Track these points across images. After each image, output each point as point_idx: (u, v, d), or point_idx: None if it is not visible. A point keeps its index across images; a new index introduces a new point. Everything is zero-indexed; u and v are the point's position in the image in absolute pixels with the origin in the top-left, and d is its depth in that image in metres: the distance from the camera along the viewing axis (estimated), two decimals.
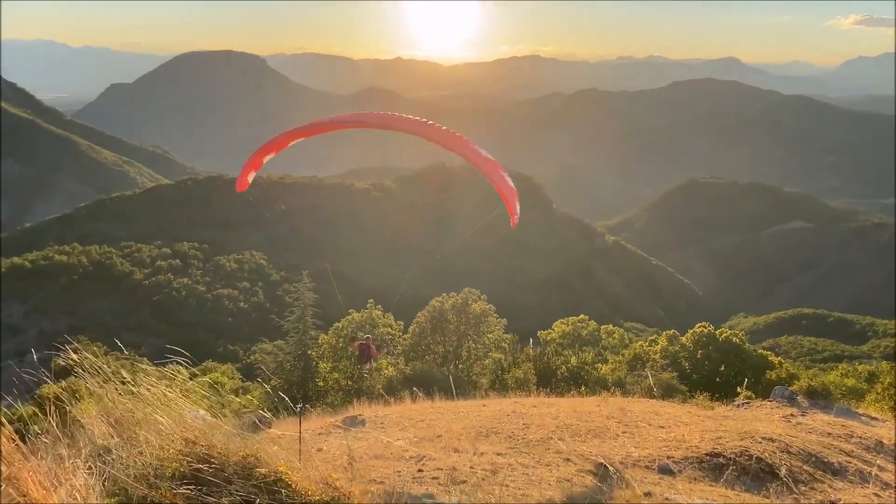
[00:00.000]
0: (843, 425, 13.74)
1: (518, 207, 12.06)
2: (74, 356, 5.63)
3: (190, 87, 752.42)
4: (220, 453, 4.50)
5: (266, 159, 11.98)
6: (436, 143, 11.50)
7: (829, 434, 12.94)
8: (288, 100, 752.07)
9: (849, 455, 11.79)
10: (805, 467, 10.71)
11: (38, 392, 20.15)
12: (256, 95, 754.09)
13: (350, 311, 35.76)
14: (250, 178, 12.05)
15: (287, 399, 7.46)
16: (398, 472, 8.56)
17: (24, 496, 3.71)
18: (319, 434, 12.88)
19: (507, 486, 8.12)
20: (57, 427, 5.19)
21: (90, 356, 5.70)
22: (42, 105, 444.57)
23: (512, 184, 11.91)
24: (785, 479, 9.73)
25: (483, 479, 8.30)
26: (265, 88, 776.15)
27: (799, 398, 16.35)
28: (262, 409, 15.75)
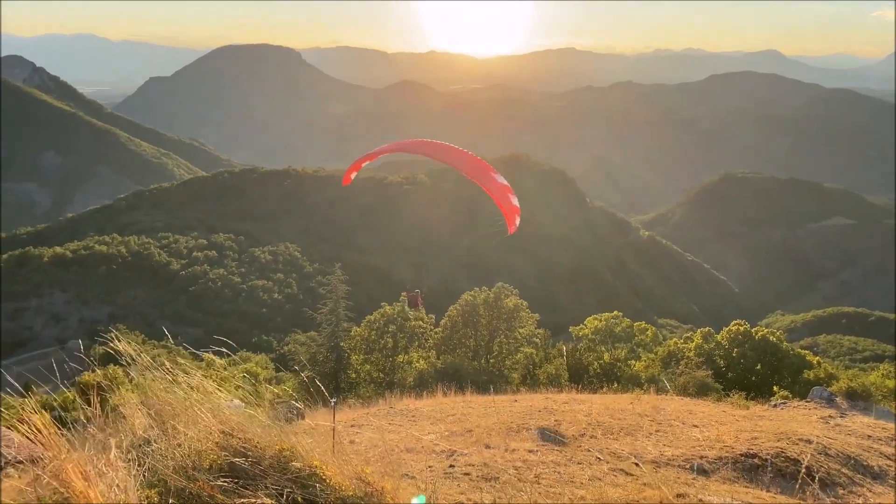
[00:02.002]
0: (883, 428, 13.44)
1: (517, 221, 13.15)
2: (115, 344, 5.74)
3: (226, 80, 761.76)
4: (256, 446, 4.56)
5: (364, 165, 14.27)
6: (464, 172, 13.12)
7: (869, 437, 12.67)
8: (322, 93, 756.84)
9: (889, 459, 11.53)
10: (843, 470, 10.50)
11: (78, 379, 20.68)
12: (291, 88, 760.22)
13: (382, 303, 35.94)
14: (353, 176, 14.48)
15: (323, 389, 7.54)
16: (430, 466, 8.61)
17: (67, 487, 3.80)
18: (352, 426, 13.00)
19: (538, 483, 8.11)
20: (99, 414, 5.31)
21: (130, 344, 5.81)
22: (83, 98, 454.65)
23: (516, 202, 13.07)
24: (823, 481, 9.56)
25: (515, 477, 8.30)
26: (300, 82, 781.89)
27: (838, 399, 16.03)
28: (296, 400, 15.92)
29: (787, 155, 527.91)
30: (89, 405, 5.40)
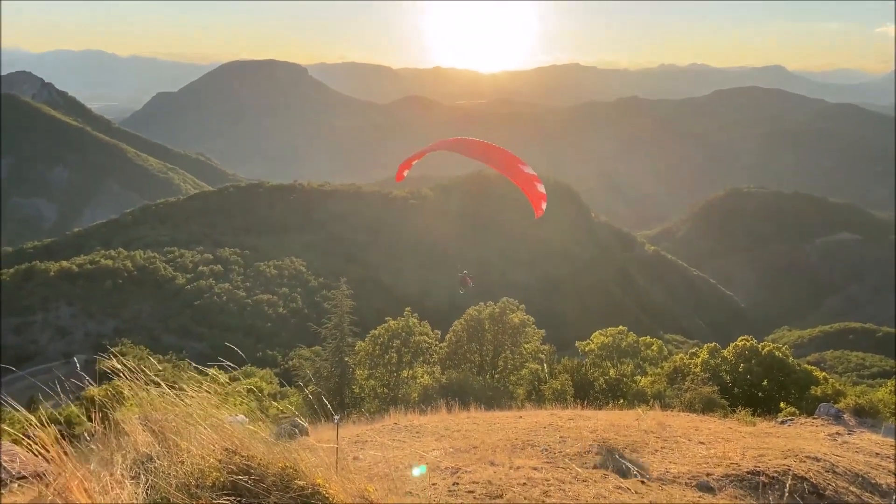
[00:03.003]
0: (892, 445, 13.32)
1: (544, 206, 14.58)
2: (119, 359, 5.74)
3: (233, 95, 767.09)
4: (259, 464, 4.55)
5: (414, 163, 15.82)
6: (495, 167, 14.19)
7: (878, 454, 12.56)
8: (328, 107, 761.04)
9: None
10: (851, 488, 10.41)
11: (82, 394, 20.68)
12: (298, 104, 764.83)
13: (387, 318, 35.90)
14: (405, 173, 16.04)
15: (328, 405, 7.53)
16: (434, 484, 8.56)
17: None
18: (356, 442, 12.96)
19: (545, 501, 8.06)
20: (102, 430, 5.30)
21: (133, 359, 5.81)
22: (91, 113, 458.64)
23: (542, 189, 14.54)
24: (831, 499, 9.47)
25: (520, 494, 8.25)
26: (306, 97, 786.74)
27: (845, 416, 15.91)
28: (299, 416, 15.88)
29: (792, 170, 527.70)
30: (92, 420, 5.40)
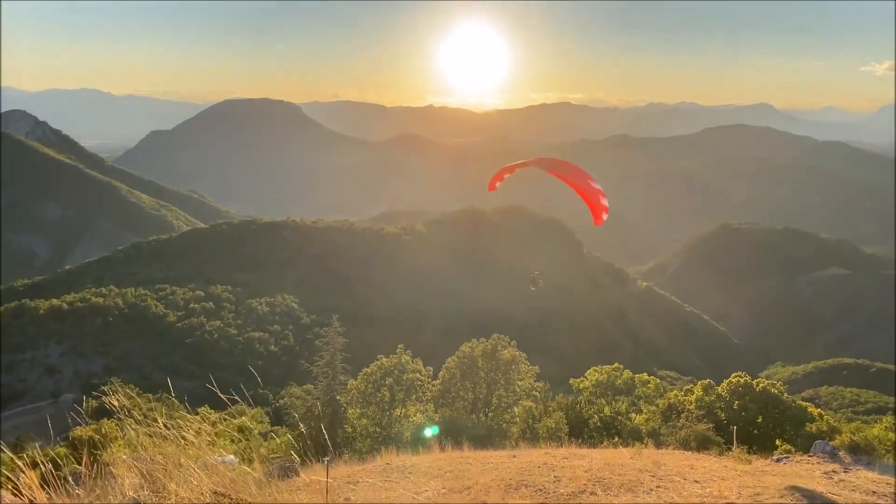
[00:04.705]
0: (888, 483, 13.21)
1: (604, 217, 16.50)
2: (108, 398, 5.67)
3: (227, 133, 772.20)
4: None
5: (506, 176, 17.81)
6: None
7: (874, 492, 12.44)
8: (322, 145, 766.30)
9: None
10: None
11: (70, 434, 20.38)
12: (291, 141, 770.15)
13: (379, 355, 35.65)
14: (497, 185, 17.64)
15: (316, 445, 7.44)
16: None
17: None
18: (347, 483, 12.76)
19: None
20: (89, 472, 5.21)
21: (123, 398, 5.74)
22: (85, 151, 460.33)
23: (605, 203, 16.51)
24: None
25: None
26: (300, 134, 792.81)
27: (841, 453, 15.80)
28: (291, 455, 15.67)
29: (782, 206, 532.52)
30: (80, 461, 5.31)
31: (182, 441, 5.16)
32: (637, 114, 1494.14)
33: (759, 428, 27.59)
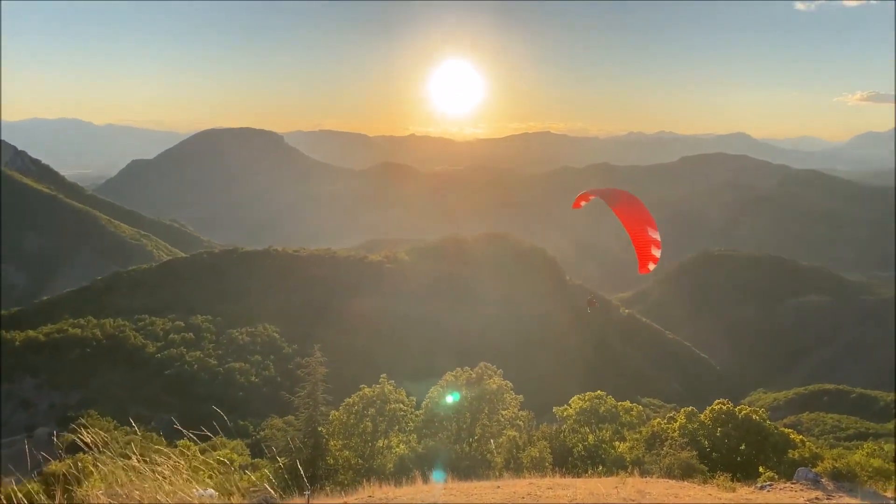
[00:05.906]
0: None
1: (651, 267, 16.46)
2: (83, 433, 5.58)
3: (209, 162, 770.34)
4: None
5: (591, 198, 17.18)
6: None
7: None
8: (304, 174, 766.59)
9: None
10: None
11: (45, 469, 19.90)
12: (274, 170, 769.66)
13: (361, 385, 35.31)
14: (582, 204, 17.23)
15: (297, 478, 7.34)
16: None
17: None
18: None
19: None
20: None
21: (99, 432, 5.65)
22: (64, 181, 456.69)
23: (657, 253, 16.35)
24: None
25: None
26: (282, 164, 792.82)
27: (823, 480, 15.84)
28: (271, 488, 15.44)
29: (760, 233, 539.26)
30: (53, 498, 5.20)
31: (160, 478, 5.07)
32: (617, 143, 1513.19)
33: (742, 455, 27.63)
